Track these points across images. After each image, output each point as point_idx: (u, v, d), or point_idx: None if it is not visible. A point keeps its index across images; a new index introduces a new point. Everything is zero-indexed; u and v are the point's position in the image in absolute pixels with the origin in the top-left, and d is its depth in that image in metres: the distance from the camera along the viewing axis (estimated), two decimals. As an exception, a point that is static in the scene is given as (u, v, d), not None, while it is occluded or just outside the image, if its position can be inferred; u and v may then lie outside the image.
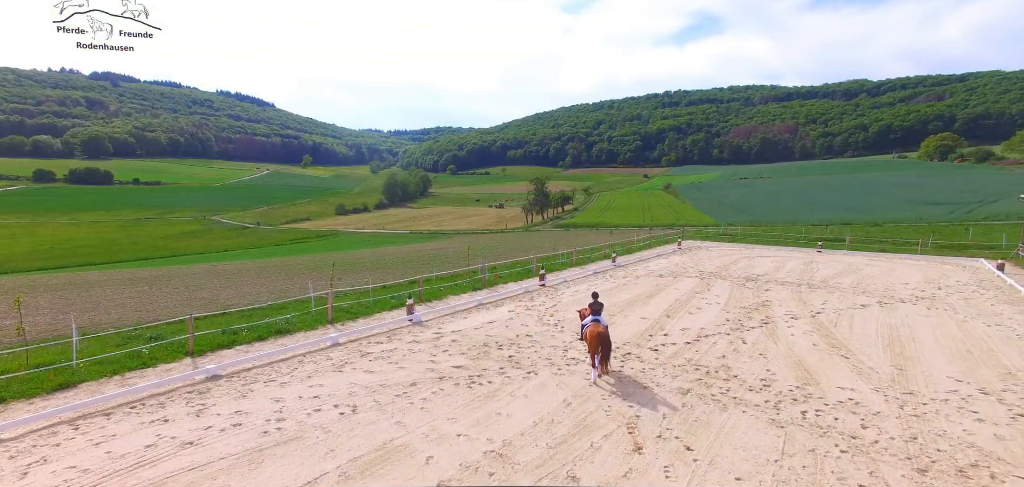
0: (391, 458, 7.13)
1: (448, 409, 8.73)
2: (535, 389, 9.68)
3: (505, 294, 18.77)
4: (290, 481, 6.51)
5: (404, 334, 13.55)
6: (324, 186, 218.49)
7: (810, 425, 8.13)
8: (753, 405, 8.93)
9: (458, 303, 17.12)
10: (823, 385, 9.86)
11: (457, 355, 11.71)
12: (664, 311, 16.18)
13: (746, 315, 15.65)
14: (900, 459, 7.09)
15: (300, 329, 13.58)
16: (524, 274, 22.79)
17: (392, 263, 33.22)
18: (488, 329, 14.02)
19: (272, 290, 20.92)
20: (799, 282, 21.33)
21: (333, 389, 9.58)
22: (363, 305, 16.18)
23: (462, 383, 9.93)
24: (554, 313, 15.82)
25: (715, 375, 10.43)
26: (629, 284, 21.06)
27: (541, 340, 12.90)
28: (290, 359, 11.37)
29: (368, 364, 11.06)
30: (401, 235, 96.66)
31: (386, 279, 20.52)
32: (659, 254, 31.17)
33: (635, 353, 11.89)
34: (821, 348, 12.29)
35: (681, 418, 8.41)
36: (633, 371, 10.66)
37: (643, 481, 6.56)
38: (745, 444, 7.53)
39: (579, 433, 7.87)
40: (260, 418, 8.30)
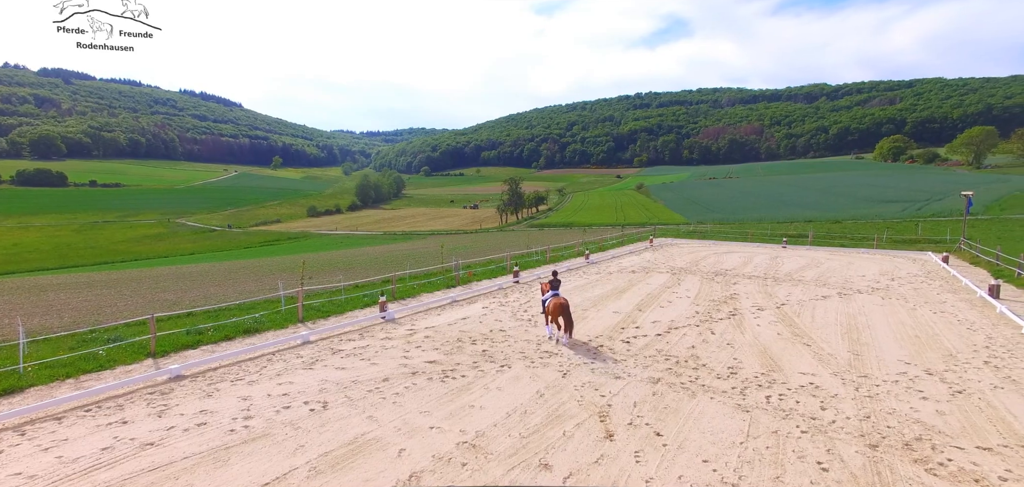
0: (363, 451, 7.05)
1: (421, 403, 8.69)
2: (508, 382, 9.72)
3: (479, 291, 18.77)
4: (258, 478, 6.36)
5: (377, 331, 13.39)
6: (295, 188, 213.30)
7: (774, 408, 8.44)
8: (721, 391, 9.20)
9: (432, 300, 17.03)
10: (786, 371, 10.24)
11: (430, 351, 11.66)
12: (636, 305, 16.48)
13: (715, 308, 16.09)
14: (854, 436, 7.44)
15: (269, 328, 13.25)
16: (498, 271, 22.82)
17: (365, 263, 32.74)
18: (462, 325, 14.00)
19: (240, 291, 20.33)
20: (765, 276, 22.05)
21: (303, 386, 9.40)
22: (335, 303, 15.90)
23: (435, 377, 9.89)
24: (528, 309, 15.90)
25: (685, 364, 10.70)
26: (602, 280, 21.35)
27: (515, 335, 12.96)
28: (258, 358, 11.09)
29: (340, 361, 10.90)
30: (374, 236, 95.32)
31: (358, 278, 20.21)
32: (631, 251, 31.68)
33: (607, 346, 12.08)
34: (785, 337, 12.75)
35: (651, 406, 8.59)
36: (605, 363, 10.82)
37: (614, 466, 6.68)
38: (712, 429, 7.76)
39: (552, 423, 7.95)
40: (226, 417, 8.08)
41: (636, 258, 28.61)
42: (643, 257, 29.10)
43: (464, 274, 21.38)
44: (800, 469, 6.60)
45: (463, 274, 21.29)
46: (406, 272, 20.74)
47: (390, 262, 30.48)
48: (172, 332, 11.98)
